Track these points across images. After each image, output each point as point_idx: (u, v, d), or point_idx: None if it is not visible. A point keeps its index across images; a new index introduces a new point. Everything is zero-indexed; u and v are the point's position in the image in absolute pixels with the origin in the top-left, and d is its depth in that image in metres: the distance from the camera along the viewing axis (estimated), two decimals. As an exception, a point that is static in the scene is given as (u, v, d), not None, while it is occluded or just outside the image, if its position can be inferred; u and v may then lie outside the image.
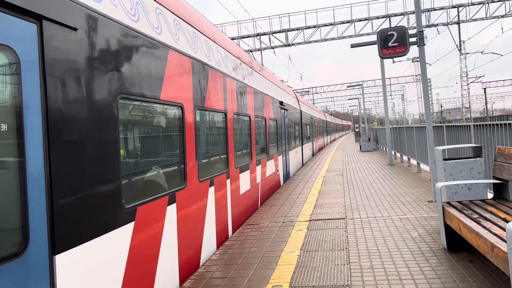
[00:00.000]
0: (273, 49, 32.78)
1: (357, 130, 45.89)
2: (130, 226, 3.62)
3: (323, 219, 7.37)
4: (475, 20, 31.14)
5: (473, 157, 6.57)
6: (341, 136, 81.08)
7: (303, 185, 12.07)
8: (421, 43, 8.50)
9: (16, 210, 2.48)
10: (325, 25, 31.50)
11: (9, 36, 2.47)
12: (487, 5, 30.37)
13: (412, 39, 8.52)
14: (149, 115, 4.38)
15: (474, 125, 8.20)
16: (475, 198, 6.21)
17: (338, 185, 11.66)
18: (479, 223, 4.23)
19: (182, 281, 4.77)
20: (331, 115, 78.47)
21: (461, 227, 4.42)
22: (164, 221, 4.32)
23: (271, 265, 5.08)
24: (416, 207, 7.93)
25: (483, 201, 5.35)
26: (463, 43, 40.98)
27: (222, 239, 6.46)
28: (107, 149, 3.32)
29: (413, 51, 66.47)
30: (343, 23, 31.13)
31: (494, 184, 5.49)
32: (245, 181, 8.12)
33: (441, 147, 6.88)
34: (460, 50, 38.29)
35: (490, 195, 6.03)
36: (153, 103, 4.24)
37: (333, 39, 31.75)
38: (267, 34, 32.24)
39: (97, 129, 3.21)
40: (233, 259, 5.44)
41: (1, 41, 2.42)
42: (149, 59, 4.13)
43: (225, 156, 6.95)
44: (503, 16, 30.35)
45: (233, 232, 7.13)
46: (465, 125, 8.81)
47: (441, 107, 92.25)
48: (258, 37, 32.32)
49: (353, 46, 10.61)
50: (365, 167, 16.26)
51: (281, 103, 13.38)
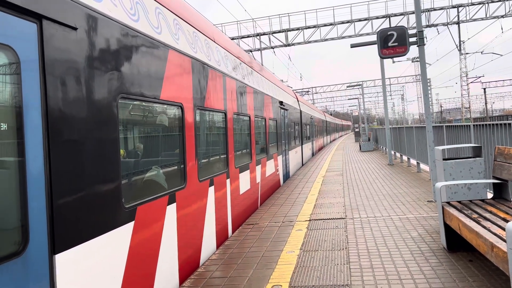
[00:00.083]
0: (273, 49, 32.79)
1: (356, 130, 45.90)
2: (130, 225, 3.62)
3: (323, 219, 7.37)
4: (475, 20, 31.16)
5: (473, 157, 6.58)
6: (341, 136, 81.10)
7: (303, 185, 12.07)
8: (421, 43, 8.51)
9: (16, 209, 2.48)
10: (325, 25, 31.51)
11: (9, 35, 2.47)
12: (487, 5, 30.39)
13: (412, 39, 8.53)
14: (149, 114, 4.38)
15: (473, 125, 8.20)
16: (475, 198, 6.21)
17: (338, 185, 11.67)
18: (478, 222, 4.23)
19: (182, 280, 4.77)
20: (331, 115, 78.43)
21: (460, 226, 4.43)
22: (164, 221, 4.32)
23: (271, 264, 5.08)
24: (416, 207, 7.94)
25: (482, 201, 5.35)
26: (463, 43, 41.00)
27: (222, 238, 6.46)
28: (107, 149, 3.32)
29: (413, 51, 66.48)
30: (343, 23, 31.14)
31: (493, 184, 5.49)
32: (245, 181, 8.12)
33: (441, 147, 6.88)
34: (460, 50, 38.29)
35: (489, 195, 6.03)
36: (153, 102, 4.24)
37: (333, 39, 31.77)
38: (267, 34, 32.25)
39: (97, 129, 3.21)
40: (233, 259, 5.44)
41: (1, 40, 2.42)
42: (149, 59, 4.13)
43: (225, 156, 6.95)
44: (503, 16, 30.36)
45: (233, 231, 7.13)
46: (465, 125, 8.82)
47: (441, 107, 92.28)
48: (258, 37, 32.33)
49: (353, 46, 10.62)
50: (365, 167, 16.26)
51: (281, 103, 13.39)
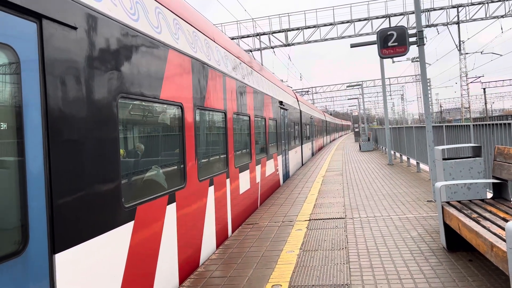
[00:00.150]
0: (273, 49, 32.80)
1: (356, 130, 45.91)
2: (129, 225, 3.62)
3: (323, 219, 7.38)
4: (474, 20, 31.19)
5: (473, 157, 6.58)
6: (341, 136, 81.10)
7: (302, 185, 12.07)
8: (420, 43, 8.51)
9: (16, 209, 2.48)
10: (325, 25, 31.53)
11: (9, 35, 2.47)
12: (486, 5, 30.41)
13: (411, 39, 8.54)
14: (149, 114, 4.38)
15: (473, 125, 8.21)
16: (475, 197, 6.22)
17: (337, 184, 11.67)
18: (478, 222, 4.24)
19: (181, 280, 4.77)
20: (331, 115, 78.40)
21: (460, 226, 4.43)
22: (163, 220, 4.32)
23: (271, 264, 5.09)
24: (415, 206, 7.94)
25: (482, 200, 5.36)
26: (463, 43, 41.03)
27: (221, 238, 6.46)
28: (106, 148, 3.32)
29: (413, 51, 66.49)
30: (342, 23, 31.16)
31: (493, 183, 5.49)
32: (244, 181, 8.12)
33: (441, 147, 6.88)
34: (459, 50, 38.32)
35: (489, 195, 6.04)
36: (152, 102, 4.24)
37: (332, 39, 31.78)
38: (267, 34, 32.27)
39: (97, 128, 3.21)
40: (232, 259, 5.44)
41: (1, 40, 2.42)
42: (149, 59, 4.13)
43: (225, 155, 6.95)
44: (502, 16, 30.38)
45: (233, 231, 7.13)
46: (464, 125, 8.82)
47: (441, 107, 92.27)
48: (258, 37, 32.34)
49: (352, 46, 10.63)
50: (365, 167, 16.26)
51: (281, 102, 13.38)
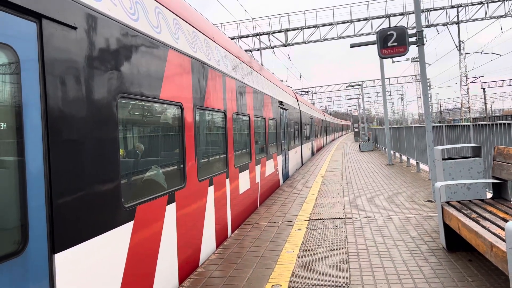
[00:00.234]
0: (273, 48, 32.79)
1: (356, 130, 45.93)
2: (129, 225, 3.62)
3: (323, 219, 7.38)
4: (474, 20, 31.18)
5: (472, 157, 6.58)
6: (341, 136, 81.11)
7: (302, 185, 12.07)
8: (420, 43, 8.52)
9: (15, 209, 2.48)
10: (325, 25, 31.52)
11: (9, 35, 2.46)
12: (486, 5, 30.41)
13: (411, 39, 8.54)
14: (149, 114, 4.38)
15: (473, 125, 8.21)
16: (474, 197, 6.22)
17: (337, 184, 11.67)
18: (478, 222, 4.24)
19: (181, 280, 4.77)
20: (331, 115, 78.41)
21: (460, 226, 4.43)
22: (163, 220, 4.32)
23: (271, 264, 5.09)
24: (415, 206, 7.94)
25: (482, 200, 5.36)
26: (463, 43, 41.06)
27: (221, 238, 6.46)
28: (106, 148, 3.32)
29: (413, 51, 66.53)
30: (342, 23, 31.15)
31: (493, 183, 5.49)
32: (244, 181, 8.12)
33: (441, 147, 6.89)
34: (459, 50, 38.31)
35: (489, 195, 6.04)
36: (152, 102, 4.24)
37: (332, 39, 31.77)
38: (267, 34, 32.26)
39: (97, 128, 3.21)
40: (232, 259, 5.44)
41: (1, 40, 2.42)
42: (149, 58, 4.13)
43: (225, 155, 6.95)
44: (502, 16, 30.38)
45: (233, 231, 7.13)
46: (464, 125, 8.82)
47: (441, 107, 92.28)
48: (257, 37, 32.33)
49: (352, 46, 10.63)
50: (364, 167, 16.26)
51: (281, 102, 13.38)
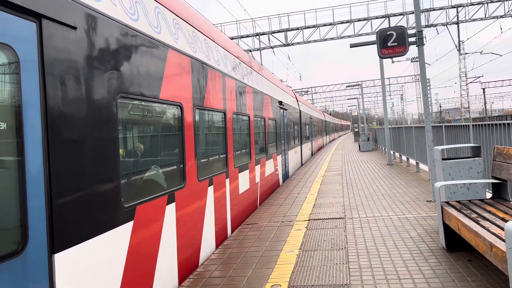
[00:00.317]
0: (273, 48, 32.78)
1: (356, 130, 45.94)
2: (129, 225, 3.62)
3: (322, 219, 7.38)
4: (474, 20, 31.18)
5: (472, 157, 6.59)
6: (340, 136, 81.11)
7: (302, 185, 12.07)
8: (420, 43, 8.52)
9: (15, 209, 2.48)
10: (325, 25, 31.51)
11: (8, 35, 2.46)
12: (486, 5, 30.41)
13: (411, 39, 8.54)
14: (148, 114, 4.38)
15: (473, 125, 8.21)
16: (474, 197, 6.22)
17: (337, 184, 11.67)
18: (478, 222, 4.24)
19: (181, 280, 4.77)
20: (330, 115, 78.39)
21: (460, 226, 4.43)
22: (163, 220, 4.32)
23: (270, 264, 5.09)
24: (415, 206, 7.94)
25: (482, 200, 5.36)
26: (462, 43, 41.09)
27: (221, 238, 6.46)
28: (106, 148, 3.32)
29: (412, 51, 66.55)
30: (342, 23, 31.14)
31: (493, 183, 5.50)
32: (244, 181, 8.12)
33: (440, 147, 6.89)
34: (459, 50, 38.33)
35: (488, 195, 6.04)
36: (152, 102, 4.24)
37: (332, 39, 31.76)
38: (267, 34, 32.24)
39: (97, 128, 3.21)
40: (232, 259, 5.44)
41: (1, 40, 2.42)
42: (149, 58, 4.13)
43: (224, 155, 6.95)
44: (502, 16, 30.38)
45: (232, 231, 7.13)
46: (464, 125, 8.82)
47: (440, 107, 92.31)
48: (257, 37, 32.32)
49: (352, 46, 10.63)
50: (364, 167, 16.27)
51: (280, 102, 13.38)
